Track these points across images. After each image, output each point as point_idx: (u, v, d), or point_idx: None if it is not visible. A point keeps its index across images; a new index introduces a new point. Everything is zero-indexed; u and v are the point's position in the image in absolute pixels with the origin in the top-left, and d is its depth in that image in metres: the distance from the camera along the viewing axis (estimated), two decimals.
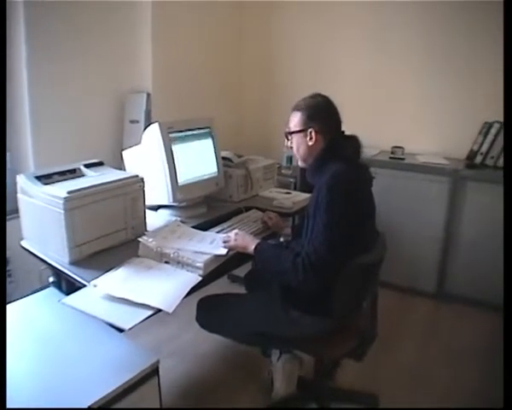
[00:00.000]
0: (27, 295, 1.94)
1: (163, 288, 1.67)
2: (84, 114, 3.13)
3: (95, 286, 1.67)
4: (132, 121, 3.23)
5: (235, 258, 1.99)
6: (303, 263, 1.71)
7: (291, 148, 2.00)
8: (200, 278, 1.75)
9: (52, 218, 1.82)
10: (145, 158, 2.33)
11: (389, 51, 3.83)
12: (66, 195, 1.77)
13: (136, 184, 2.04)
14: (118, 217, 1.98)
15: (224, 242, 1.94)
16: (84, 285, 1.71)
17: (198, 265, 1.78)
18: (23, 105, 2.82)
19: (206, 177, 2.49)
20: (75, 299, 1.64)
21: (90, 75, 3.12)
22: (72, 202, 1.78)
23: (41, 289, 2.02)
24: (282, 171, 3.82)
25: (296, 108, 1.96)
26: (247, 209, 2.53)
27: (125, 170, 2.45)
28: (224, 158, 2.68)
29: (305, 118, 1.91)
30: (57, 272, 1.92)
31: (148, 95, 3.26)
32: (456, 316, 3.34)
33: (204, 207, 2.52)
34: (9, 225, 2.63)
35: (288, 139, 2.00)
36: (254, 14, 4.33)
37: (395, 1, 3.70)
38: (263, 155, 3.15)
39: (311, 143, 1.90)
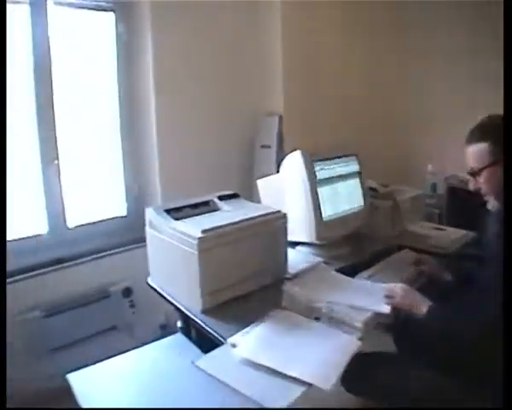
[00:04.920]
0: (153, 341, 1.73)
1: (315, 355, 1.34)
2: (212, 139, 2.97)
3: (233, 346, 1.39)
4: (264, 146, 2.98)
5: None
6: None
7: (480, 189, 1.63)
8: (359, 343, 1.40)
9: (183, 258, 1.59)
10: (284, 189, 2.05)
11: None
12: (201, 234, 1.52)
13: (278, 221, 1.75)
14: (257, 258, 1.70)
15: (387, 296, 1.59)
16: (220, 341, 1.45)
17: (356, 324, 1.44)
18: (151, 131, 2.75)
19: (351, 211, 2.17)
20: (210, 361, 1.38)
21: (218, 98, 2.97)
22: (208, 243, 1.53)
23: (167, 333, 1.82)
24: (426, 200, 3.39)
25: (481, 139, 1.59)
26: (399, 248, 2.16)
27: (259, 201, 2.20)
28: (368, 188, 2.35)
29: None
30: (186, 318, 1.68)
31: (281, 117, 2.99)
32: None
33: (348, 245, 2.18)
34: (136, 253, 2.52)
35: (474, 178, 1.62)
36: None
37: None
38: (399, 182, 2.79)
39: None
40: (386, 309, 1.53)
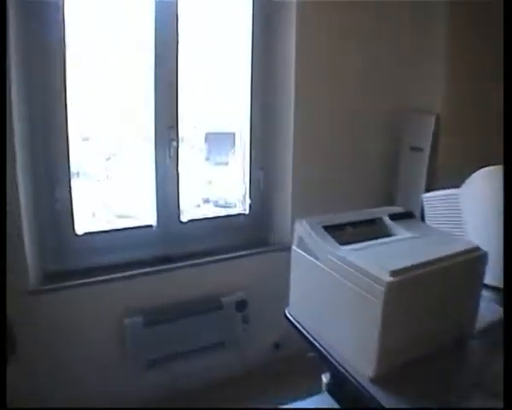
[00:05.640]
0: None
1: None
2: (351, 135, 2.54)
3: None
4: (414, 149, 2.50)
5: None
6: None
7: None
8: None
9: (355, 303, 1.16)
10: (467, 213, 1.58)
11: None
12: (390, 278, 1.07)
13: (478, 262, 1.27)
14: (447, 310, 1.22)
15: None
16: None
17: None
18: (287, 121, 2.41)
19: None
20: None
21: (363, 90, 2.53)
22: (398, 289, 1.07)
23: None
24: None
25: None
26: None
27: (422, 219, 1.76)
28: None
29: None
30: (339, 375, 1.23)
31: (438, 116, 2.48)
32: None
33: None
34: (256, 259, 2.32)
35: None
36: None
37: None
38: None
39: None
40: None
